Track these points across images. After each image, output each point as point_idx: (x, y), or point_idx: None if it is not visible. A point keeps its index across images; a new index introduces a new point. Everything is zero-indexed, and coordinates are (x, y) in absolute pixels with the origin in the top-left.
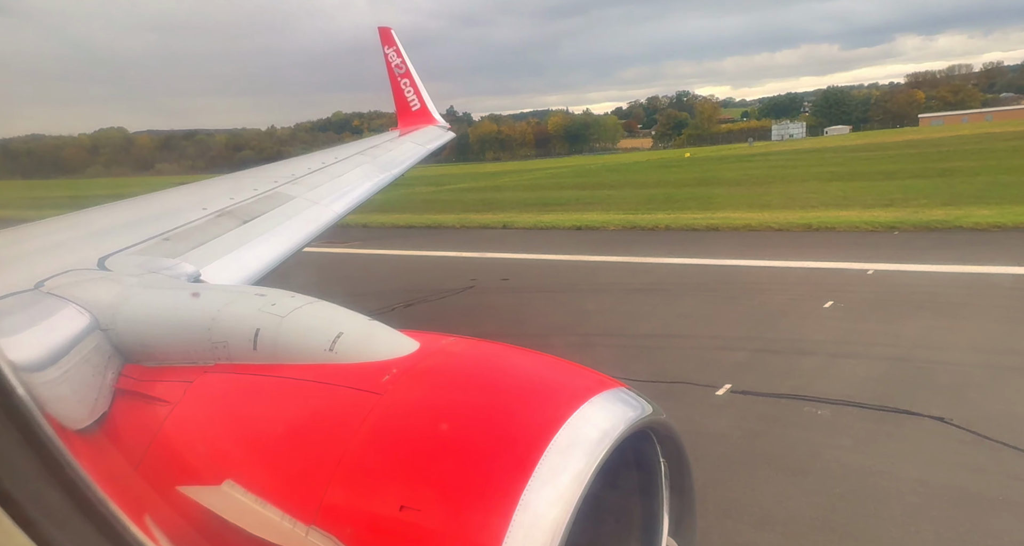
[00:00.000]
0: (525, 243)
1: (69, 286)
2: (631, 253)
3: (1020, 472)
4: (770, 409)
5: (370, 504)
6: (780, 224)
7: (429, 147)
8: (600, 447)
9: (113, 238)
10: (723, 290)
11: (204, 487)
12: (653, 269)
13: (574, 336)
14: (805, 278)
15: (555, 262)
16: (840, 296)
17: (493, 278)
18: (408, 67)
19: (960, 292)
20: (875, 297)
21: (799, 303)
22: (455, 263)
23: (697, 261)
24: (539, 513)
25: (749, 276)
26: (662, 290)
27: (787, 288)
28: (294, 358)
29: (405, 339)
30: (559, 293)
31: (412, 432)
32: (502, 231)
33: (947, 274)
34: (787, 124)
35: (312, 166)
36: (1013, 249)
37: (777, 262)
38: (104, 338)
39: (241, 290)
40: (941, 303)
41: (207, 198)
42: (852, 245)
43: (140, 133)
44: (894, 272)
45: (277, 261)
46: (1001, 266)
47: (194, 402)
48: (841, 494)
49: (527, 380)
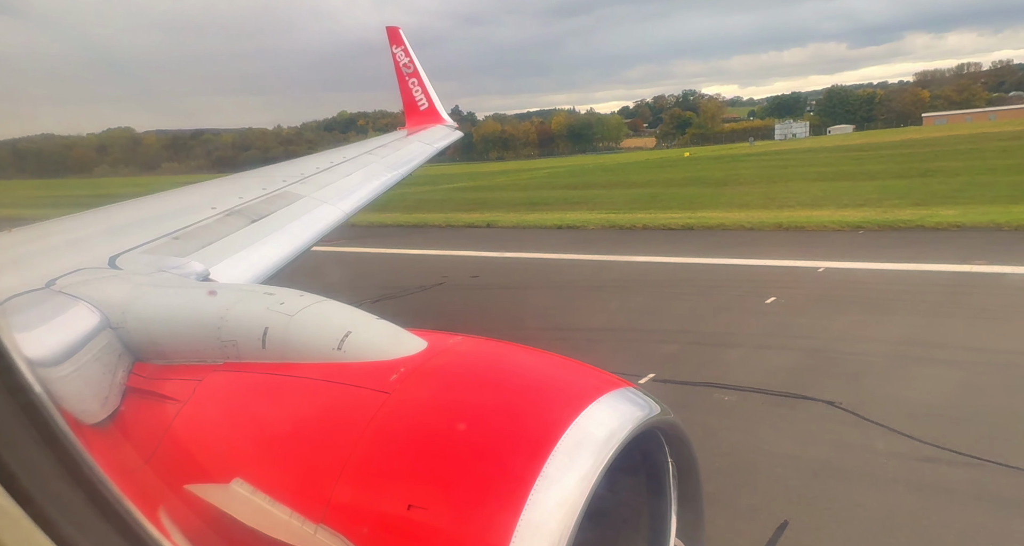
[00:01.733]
0: (505, 242)
1: (80, 285)
2: (602, 251)
3: (881, 447)
4: (683, 396)
5: (378, 503)
6: (753, 223)
7: (437, 146)
8: (608, 447)
9: (123, 237)
10: (678, 287)
11: (213, 485)
12: (618, 267)
13: (524, 329)
14: (758, 275)
15: (528, 260)
16: (784, 292)
17: (464, 275)
18: (416, 66)
19: (897, 288)
20: (816, 293)
21: (744, 299)
22: (432, 261)
23: (661, 259)
24: (546, 513)
25: (706, 273)
26: (621, 287)
27: (738, 285)
28: (303, 357)
29: (413, 338)
30: (523, 290)
31: (420, 431)
32: (486, 230)
33: (892, 271)
34: (790, 123)
35: (320, 165)
36: (962, 247)
37: (736, 260)
38: (115, 336)
39: (250, 289)
40: (875, 299)
41: (216, 197)
42: (814, 244)
43: (147, 133)
44: (844, 269)
45: (286, 260)
46: (943, 264)
47: (203, 400)
48: (720, 468)
49: (535, 379)
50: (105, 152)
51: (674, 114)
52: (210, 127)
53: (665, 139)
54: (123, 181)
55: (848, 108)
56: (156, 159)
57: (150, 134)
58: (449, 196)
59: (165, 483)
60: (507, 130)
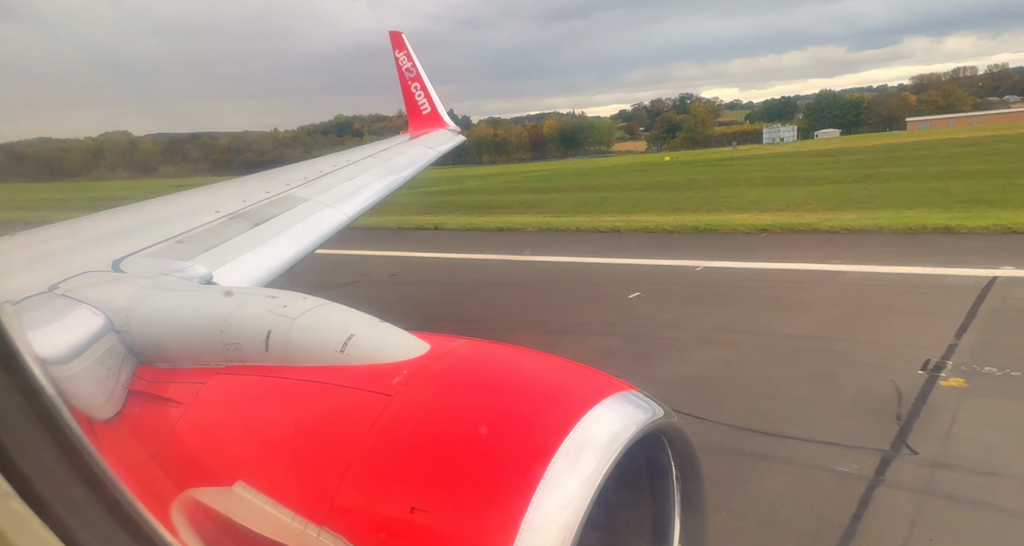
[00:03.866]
0: (441, 243)
1: (84, 288)
2: (523, 253)
3: None
4: None
5: (381, 505)
6: (674, 226)
7: (439, 150)
8: (611, 450)
9: (126, 241)
10: (564, 284)
11: (216, 488)
12: (524, 266)
13: (408, 321)
14: (641, 273)
15: (448, 260)
16: (652, 288)
17: (384, 274)
18: (419, 71)
19: (748, 284)
20: (679, 289)
21: (613, 294)
22: (362, 260)
23: (568, 259)
24: (550, 516)
25: (598, 272)
26: (513, 284)
27: (619, 281)
28: (305, 360)
29: (416, 341)
30: (430, 286)
31: (423, 434)
32: (432, 232)
33: (757, 269)
34: (778, 127)
35: (324, 169)
36: (832, 248)
37: (632, 260)
38: (118, 340)
39: (253, 292)
40: (724, 293)
41: (219, 201)
42: (714, 245)
43: (144, 137)
44: (718, 268)
45: (289, 263)
46: (804, 263)
47: (206, 403)
48: None
49: (538, 382)
50: (102, 155)
51: (665, 118)
52: (208, 130)
53: (656, 143)
54: (117, 185)
55: (836, 112)
56: (153, 162)
57: (148, 137)
58: (412, 200)
59: (169, 485)
60: (500, 134)
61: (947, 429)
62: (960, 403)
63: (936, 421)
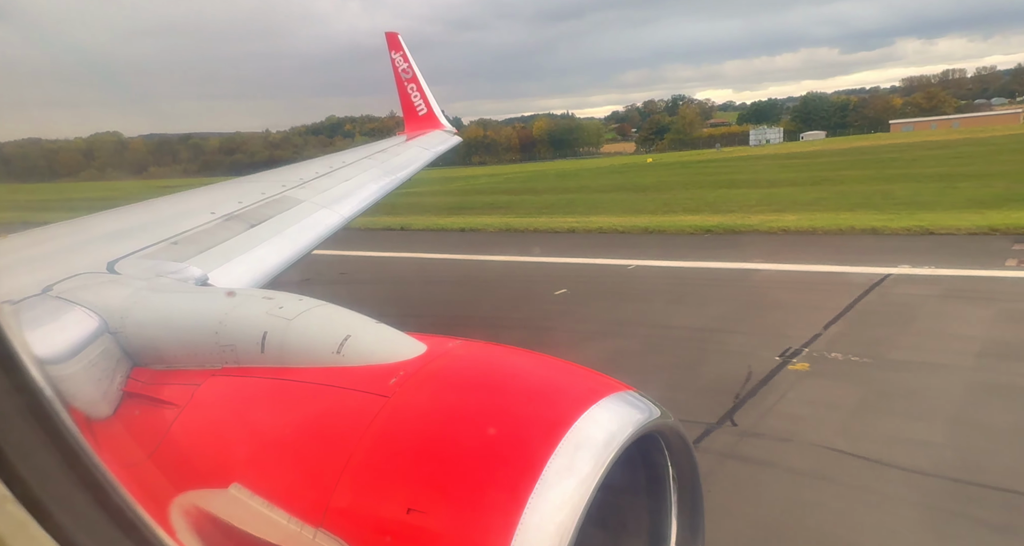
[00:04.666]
0: (404, 243)
1: (78, 290)
2: (478, 252)
3: None
4: None
5: (377, 507)
6: (625, 227)
7: (435, 151)
8: (608, 450)
9: (122, 242)
10: (499, 281)
11: (212, 490)
12: (469, 265)
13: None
14: (575, 271)
15: (406, 259)
16: (580, 286)
17: (335, 273)
18: (415, 72)
19: (671, 282)
20: (605, 286)
21: (541, 291)
22: (320, 259)
23: (516, 258)
24: (546, 516)
25: (535, 270)
26: (459, 282)
27: (551, 279)
28: (301, 361)
29: (412, 342)
30: (375, 284)
31: (419, 435)
32: (398, 232)
33: (685, 268)
34: (764, 129)
35: (320, 170)
36: (763, 249)
37: (572, 259)
38: (113, 341)
39: (248, 293)
40: (644, 290)
41: (215, 202)
42: (656, 245)
43: (135, 138)
44: (649, 266)
45: (285, 265)
46: (730, 262)
47: (201, 405)
48: None
49: (534, 383)
50: (92, 156)
51: (654, 120)
52: (200, 131)
53: (645, 144)
54: (96, 186)
55: (823, 114)
56: (143, 163)
57: (138, 138)
58: (389, 200)
59: (164, 488)
60: (489, 135)
61: (771, 405)
62: (795, 384)
63: (766, 399)
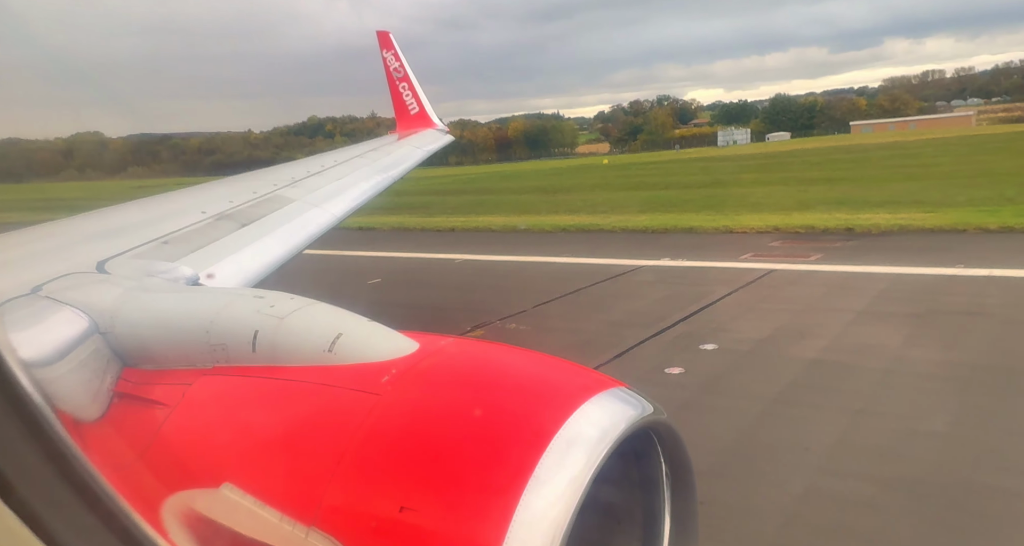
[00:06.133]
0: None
1: (68, 290)
2: (348, 249)
3: None
4: None
5: (370, 505)
6: (500, 226)
7: (427, 149)
8: (600, 446)
9: (112, 241)
10: (339, 273)
11: (203, 489)
12: (332, 259)
13: None
14: (406, 265)
15: (316, 256)
16: (397, 276)
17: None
18: (407, 71)
19: (475, 272)
20: (416, 277)
21: (357, 281)
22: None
23: (367, 253)
24: (539, 513)
25: (377, 264)
26: (298, 274)
27: (381, 271)
28: (293, 360)
29: (404, 340)
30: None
31: (411, 433)
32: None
33: (507, 262)
34: (732, 131)
35: (311, 169)
36: (585, 245)
37: (416, 254)
38: (103, 342)
39: (239, 292)
40: (447, 280)
41: (206, 201)
42: (504, 242)
43: (116, 139)
44: (475, 261)
45: (276, 264)
46: (542, 257)
47: (193, 405)
48: None
49: (526, 380)
50: (72, 156)
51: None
52: (184, 131)
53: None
54: (76, 186)
55: (791, 116)
56: (122, 163)
57: (118, 139)
58: None
59: (155, 488)
60: (465, 135)
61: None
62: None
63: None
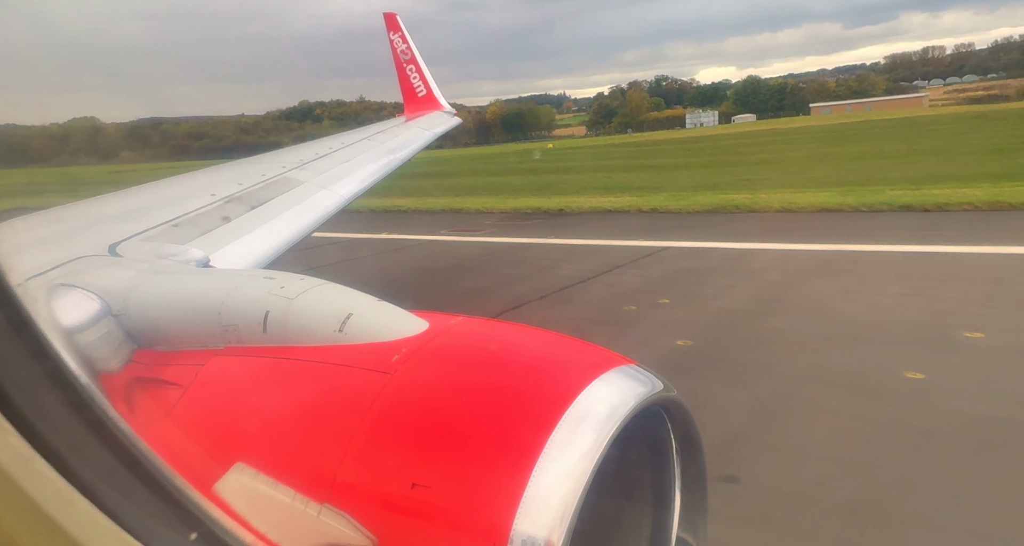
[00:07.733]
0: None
1: (80, 273)
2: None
3: None
4: None
5: (382, 482)
6: (388, 208)
7: (435, 131)
8: (610, 423)
9: (122, 225)
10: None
11: (216, 468)
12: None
13: None
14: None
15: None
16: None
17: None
18: (414, 53)
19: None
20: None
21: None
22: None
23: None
24: (550, 489)
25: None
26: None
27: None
28: (304, 340)
29: (415, 319)
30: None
31: (422, 411)
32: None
33: (363, 239)
34: (699, 113)
35: (320, 151)
36: (442, 224)
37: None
38: (115, 323)
39: (250, 274)
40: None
41: (216, 184)
42: (383, 221)
43: (110, 124)
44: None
45: (286, 245)
46: (413, 235)
47: (205, 385)
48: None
49: (536, 358)
50: (67, 142)
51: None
52: (178, 116)
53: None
54: (62, 171)
55: (761, 98)
56: (115, 148)
57: (111, 124)
58: None
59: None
60: None
61: None
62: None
63: None
